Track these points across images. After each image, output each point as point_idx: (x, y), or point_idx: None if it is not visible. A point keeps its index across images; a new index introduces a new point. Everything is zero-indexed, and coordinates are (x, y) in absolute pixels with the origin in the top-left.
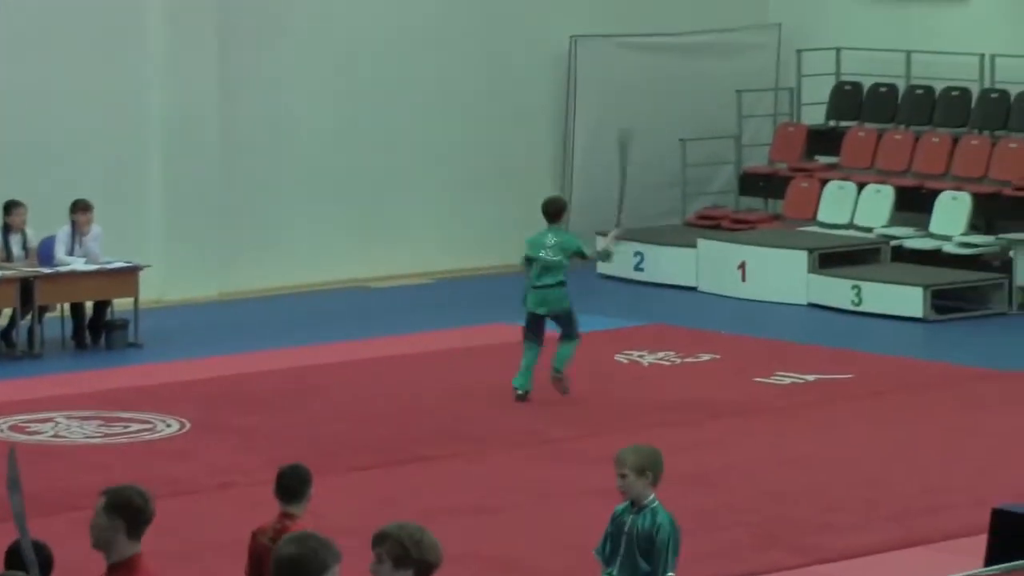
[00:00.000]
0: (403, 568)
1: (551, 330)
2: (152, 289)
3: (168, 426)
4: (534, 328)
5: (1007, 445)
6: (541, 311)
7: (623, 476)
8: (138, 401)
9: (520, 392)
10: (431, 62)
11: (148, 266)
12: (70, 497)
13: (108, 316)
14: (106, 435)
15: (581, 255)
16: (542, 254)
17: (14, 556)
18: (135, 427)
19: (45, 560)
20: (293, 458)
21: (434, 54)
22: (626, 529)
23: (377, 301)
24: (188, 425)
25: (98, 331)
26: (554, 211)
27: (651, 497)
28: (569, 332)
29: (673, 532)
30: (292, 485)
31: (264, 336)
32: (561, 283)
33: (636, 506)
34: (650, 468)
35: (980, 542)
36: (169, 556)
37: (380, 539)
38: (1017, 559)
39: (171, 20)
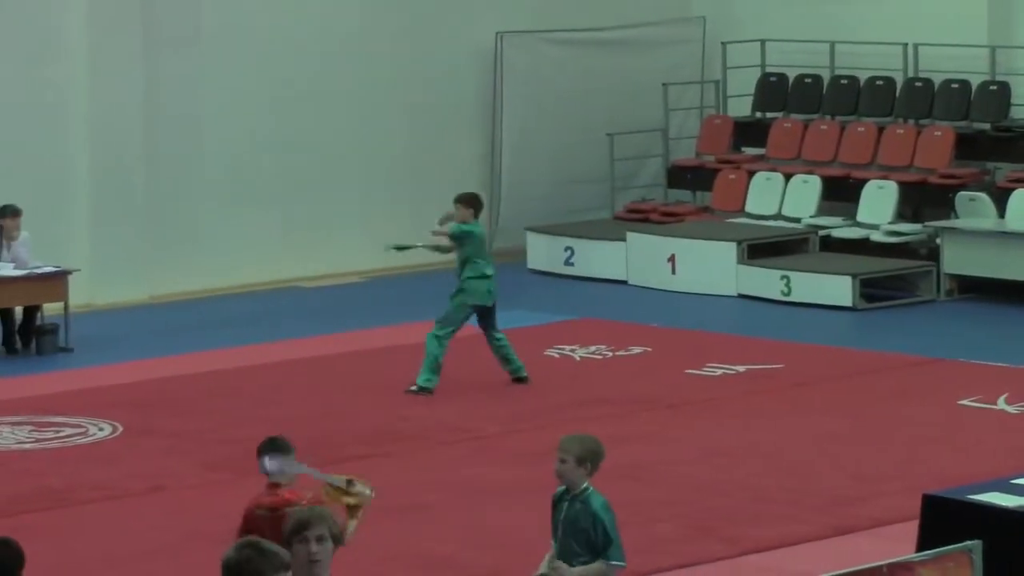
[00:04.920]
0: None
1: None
2: (82, 294)
3: (100, 430)
4: (489, 318)
5: (936, 432)
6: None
7: (563, 461)
8: (70, 406)
9: (426, 388)
10: (356, 60)
11: (77, 270)
12: (2, 504)
13: (38, 321)
14: (38, 440)
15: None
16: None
17: None
18: (67, 432)
19: (15, 554)
20: (224, 460)
21: (359, 52)
22: (562, 516)
23: (307, 301)
24: (120, 429)
25: (28, 336)
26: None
27: (585, 485)
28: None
29: (609, 518)
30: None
31: (195, 339)
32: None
33: (570, 493)
34: (590, 459)
35: (910, 528)
36: (101, 560)
37: (318, 520)
38: (948, 544)
39: (95, 25)
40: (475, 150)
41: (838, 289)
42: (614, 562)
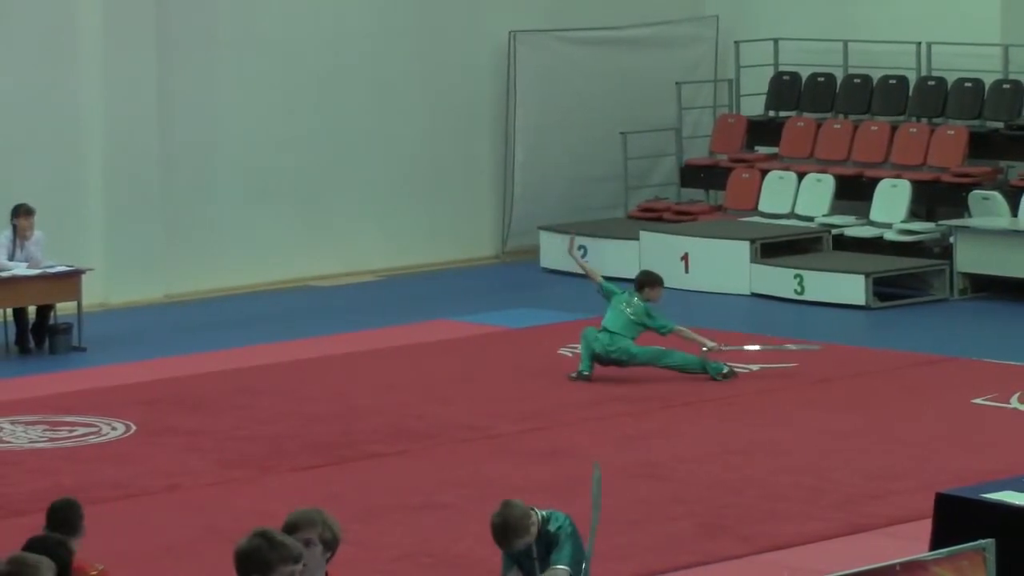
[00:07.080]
0: (329, 551)
1: None
2: (95, 293)
3: (114, 429)
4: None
5: (949, 430)
6: (597, 347)
7: (525, 539)
8: (83, 405)
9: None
10: (370, 60)
11: (91, 269)
12: (15, 503)
13: (51, 320)
14: (51, 440)
15: (648, 328)
16: (623, 307)
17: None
18: (80, 431)
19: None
20: (240, 458)
21: (372, 51)
22: (535, 555)
23: (323, 300)
24: (134, 428)
25: (41, 336)
26: (641, 282)
27: (539, 517)
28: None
29: (571, 528)
30: (70, 518)
31: (209, 338)
32: (628, 338)
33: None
34: (530, 519)
35: (924, 527)
36: (116, 559)
37: (306, 524)
38: (961, 543)
39: (109, 24)
40: (489, 149)
41: (851, 288)
42: (560, 566)
